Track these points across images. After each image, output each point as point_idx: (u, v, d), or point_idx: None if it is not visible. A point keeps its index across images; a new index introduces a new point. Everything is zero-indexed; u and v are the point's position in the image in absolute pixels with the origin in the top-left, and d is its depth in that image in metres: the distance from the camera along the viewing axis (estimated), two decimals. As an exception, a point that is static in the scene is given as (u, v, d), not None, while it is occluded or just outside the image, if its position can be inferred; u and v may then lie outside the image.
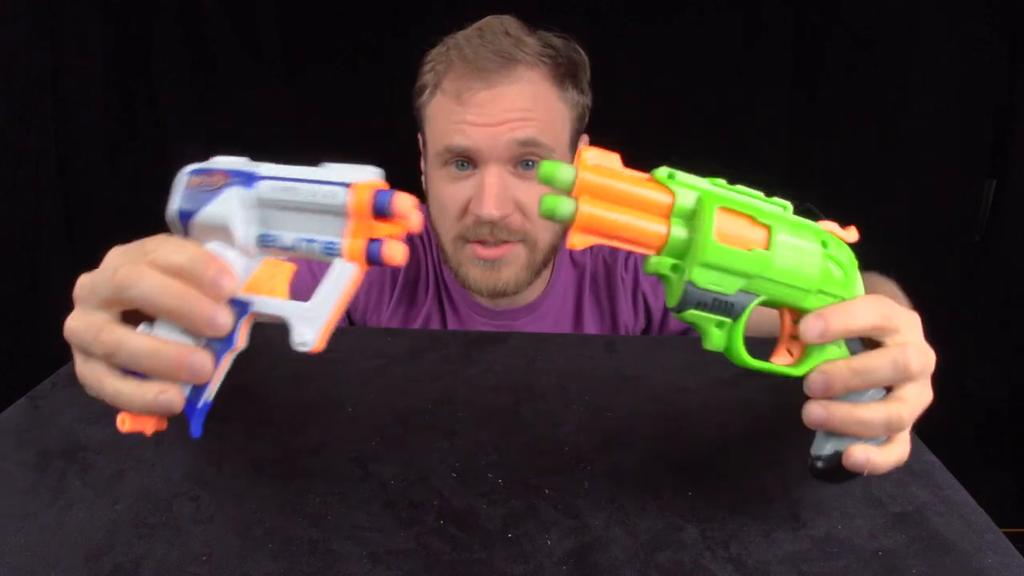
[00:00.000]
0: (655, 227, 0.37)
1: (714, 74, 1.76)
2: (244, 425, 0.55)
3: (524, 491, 0.48)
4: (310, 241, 0.36)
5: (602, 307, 0.91)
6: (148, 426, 0.39)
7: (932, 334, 0.45)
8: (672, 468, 0.51)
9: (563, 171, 0.36)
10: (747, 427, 0.56)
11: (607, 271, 0.91)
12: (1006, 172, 1.62)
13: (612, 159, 0.37)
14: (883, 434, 0.40)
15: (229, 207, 0.37)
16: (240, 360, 0.39)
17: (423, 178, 0.86)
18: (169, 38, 1.68)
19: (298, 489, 0.48)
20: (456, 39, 0.78)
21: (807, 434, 0.54)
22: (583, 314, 0.90)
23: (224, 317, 0.36)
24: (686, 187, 0.37)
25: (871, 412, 0.39)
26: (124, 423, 0.38)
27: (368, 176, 0.36)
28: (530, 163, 0.76)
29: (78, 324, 0.38)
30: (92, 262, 0.67)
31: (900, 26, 1.65)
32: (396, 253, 0.35)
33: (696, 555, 0.42)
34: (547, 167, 0.36)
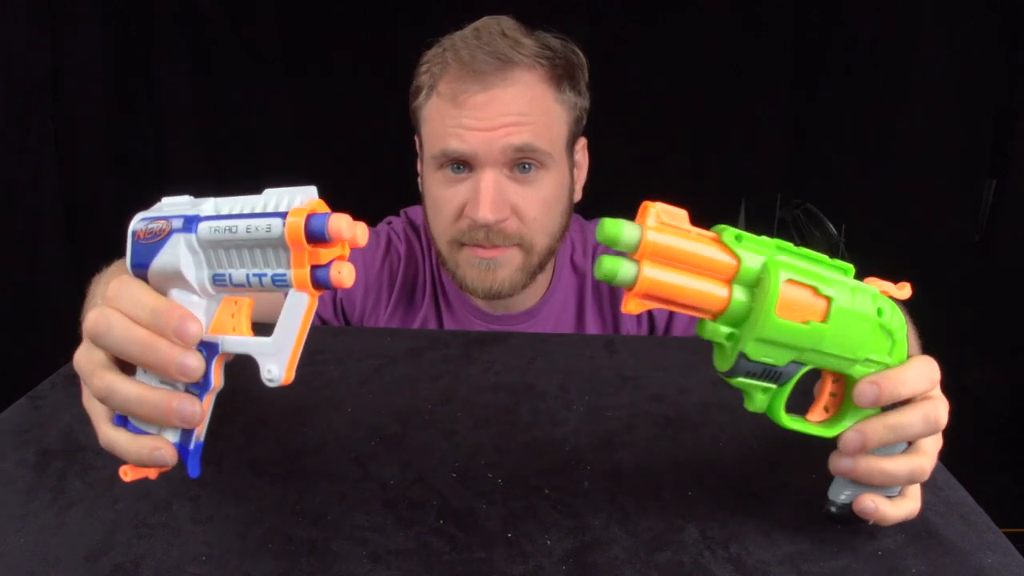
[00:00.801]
0: (717, 292, 0.35)
1: (714, 74, 1.76)
2: (244, 425, 0.55)
3: (524, 491, 0.48)
4: (260, 275, 0.35)
5: (604, 317, 0.90)
6: (151, 473, 0.40)
7: (932, 334, 0.45)
8: (672, 468, 0.51)
9: (628, 231, 0.33)
10: (747, 427, 0.56)
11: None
12: (1006, 172, 1.62)
13: (679, 217, 0.34)
14: (905, 485, 0.41)
15: (177, 256, 0.37)
16: (239, 360, 0.39)
17: (419, 180, 0.86)
18: (169, 38, 1.69)
19: (298, 489, 0.48)
20: (452, 40, 0.77)
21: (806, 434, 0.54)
22: (585, 323, 0.90)
23: (193, 362, 0.36)
24: (753, 252, 0.35)
25: (896, 464, 0.40)
26: (127, 475, 0.40)
27: (303, 199, 0.34)
28: (527, 166, 0.76)
29: (81, 359, 0.40)
30: (92, 262, 0.67)
31: (900, 26, 1.65)
32: (344, 277, 0.34)
33: (696, 555, 0.42)
34: (610, 226, 0.33)
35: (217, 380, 0.38)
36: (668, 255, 0.34)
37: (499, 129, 0.73)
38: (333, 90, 1.78)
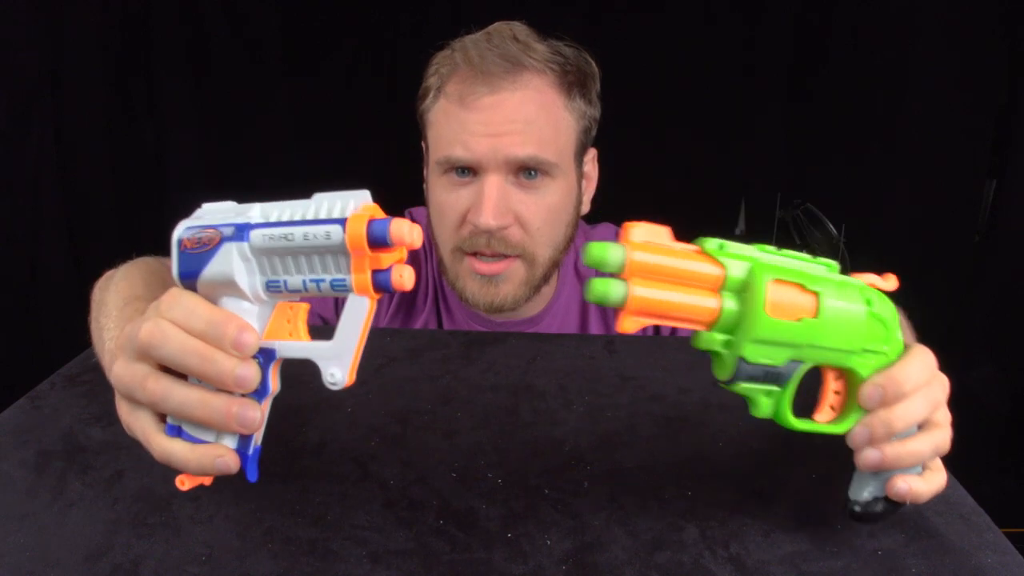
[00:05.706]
0: (707, 303, 0.36)
1: (714, 74, 1.76)
2: (244, 425, 0.55)
3: (524, 491, 0.48)
4: (318, 281, 0.35)
5: (609, 325, 0.89)
6: (207, 480, 0.40)
7: (933, 335, 0.45)
8: (672, 468, 0.51)
9: (613, 253, 0.34)
10: (747, 427, 0.56)
11: None
12: (1006, 172, 1.62)
13: (661, 233, 0.35)
14: (932, 458, 0.42)
15: (230, 264, 0.36)
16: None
17: (424, 184, 0.85)
18: (169, 38, 1.69)
19: (298, 489, 0.48)
20: (463, 43, 0.76)
21: (807, 433, 0.54)
22: (588, 330, 0.89)
23: (250, 372, 0.36)
24: (736, 258, 0.36)
25: (919, 443, 0.41)
26: (184, 484, 0.39)
27: (359, 204, 0.34)
28: (532, 172, 0.75)
29: (123, 372, 0.39)
30: (92, 262, 0.67)
31: (900, 26, 1.65)
32: (406, 280, 0.35)
33: (696, 555, 0.42)
34: (595, 250, 0.34)
35: (275, 385, 0.38)
36: (655, 272, 0.34)
37: (505, 136, 0.72)
38: (333, 91, 1.77)
